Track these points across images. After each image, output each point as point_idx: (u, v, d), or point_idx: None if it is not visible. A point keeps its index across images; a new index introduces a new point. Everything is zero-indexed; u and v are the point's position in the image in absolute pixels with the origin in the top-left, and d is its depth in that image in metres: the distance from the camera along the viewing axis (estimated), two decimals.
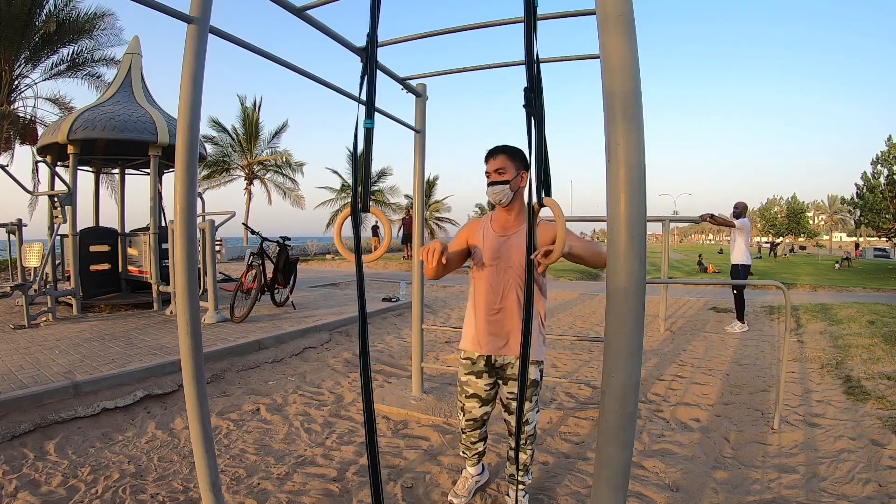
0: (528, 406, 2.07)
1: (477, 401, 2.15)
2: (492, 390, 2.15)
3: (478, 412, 2.17)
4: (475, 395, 2.15)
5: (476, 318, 2.10)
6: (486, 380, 2.12)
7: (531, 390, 2.06)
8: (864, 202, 22.05)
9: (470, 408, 2.17)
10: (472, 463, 2.33)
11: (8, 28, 12.76)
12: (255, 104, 26.24)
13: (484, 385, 2.13)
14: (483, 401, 2.15)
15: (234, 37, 1.88)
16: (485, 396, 2.15)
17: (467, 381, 2.15)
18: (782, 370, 3.12)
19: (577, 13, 2.20)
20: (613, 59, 1.05)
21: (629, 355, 1.07)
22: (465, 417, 2.20)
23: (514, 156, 1.98)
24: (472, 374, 2.14)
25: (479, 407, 2.16)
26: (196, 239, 1.82)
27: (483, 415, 2.18)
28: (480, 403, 2.15)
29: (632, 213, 1.05)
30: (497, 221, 2.09)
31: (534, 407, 2.10)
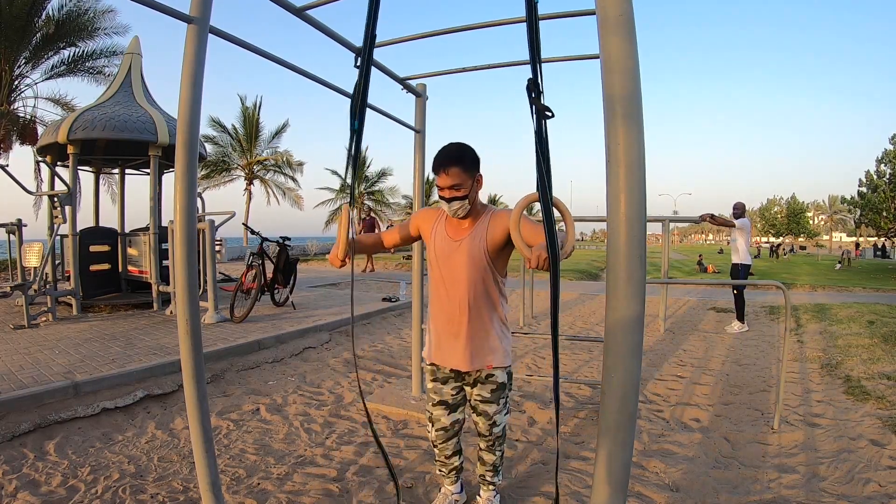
0: (496, 408, 2.00)
1: (444, 408, 2.06)
2: (458, 394, 2.07)
3: (446, 420, 2.07)
4: (442, 401, 2.06)
5: (437, 332, 2.01)
6: (453, 384, 2.04)
7: (498, 393, 1.99)
8: (866, 201, 22.05)
9: (438, 416, 2.08)
10: (451, 481, 2.24)
11: (8, 28, 12.77)
12: (255, 104, 26.28)
13: (450, 391, 2.05)
14: (451, 407, 2.07)
15: (234, 37, 1.88)
16: (452, 402, 2.06)
17: (433, 388, 2.08)
18: (782, 370, 3.12)
19: (577, 13, 2.20)
20: (613, 59, 1.05)
21: (629, 355, 1.07)
22: (435, 427, 2.10)
23: (466, 163, 1.82)
24: (437, 381, 2.06)
25: (447, 415, 2.07)
26: (196, 239, 1.82)
27: (452, 423, 2.09)
28: (448, 410, 2.07)
29: (632, 213, 1.05)
30: (450, 224, 1.97)
31: (502, 409, 2.03)
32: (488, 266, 1.89)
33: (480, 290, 1.91)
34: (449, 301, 1.95)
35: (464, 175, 1.82)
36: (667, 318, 6.69)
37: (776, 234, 54.30)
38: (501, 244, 1.87)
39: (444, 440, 2.12)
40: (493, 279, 1.92)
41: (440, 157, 1.83)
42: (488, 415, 2.01)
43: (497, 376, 1.98)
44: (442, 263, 1.95)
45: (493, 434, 2.05)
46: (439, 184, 1.83)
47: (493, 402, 1.99)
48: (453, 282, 1.93)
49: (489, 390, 1.98)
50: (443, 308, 1.97)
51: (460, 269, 1.90)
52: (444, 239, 1.95)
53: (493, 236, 1.87)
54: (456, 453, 2.18)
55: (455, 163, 1.81)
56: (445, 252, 1.94)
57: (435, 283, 2.00)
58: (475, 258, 1.88)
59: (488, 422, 2.02)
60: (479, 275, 1.89)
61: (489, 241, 1.87)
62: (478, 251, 1.88)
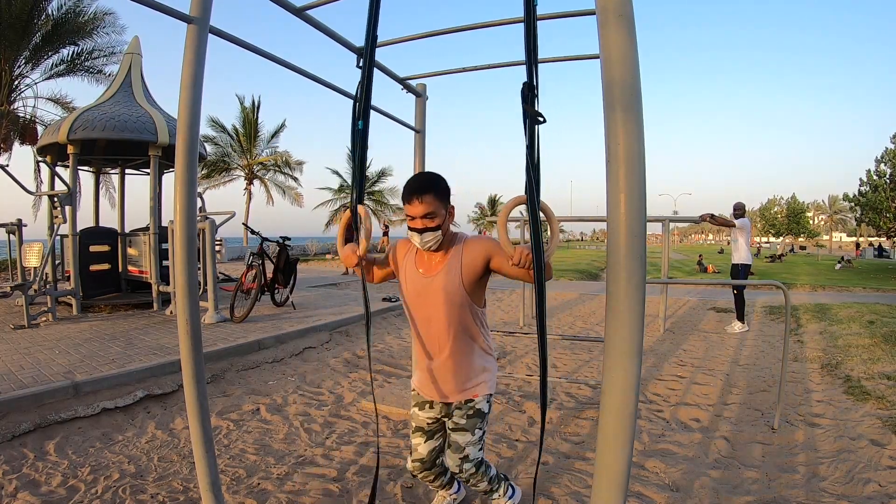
0: (468, 438, 1.85)
1: (421, 435, 1.96)
2: (435, 423, 1.96)
3: (424, 449, 1.96)
4: (419, 428, 1.97)
5: (418, 363, 1.94)
6: (430, 412, 1.94)
7: (475, 421, 1.85)
8: (867, 200, 22.06)
9: (416, 445, 1.98)
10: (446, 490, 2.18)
11: (9, 28, 12.77)
12: (254, 104, 26.28)
13: (426, 418, 1.95)
14: (426, 433, 1.96)
15: (234, 37, 1.88)
16: (427, 429, 1.96)
17: (413, 413, 1.99)
18: (782, 370, 3.12)
19: (577, 13, 2.20)
20: (613, 58, 1.05)
21: (629, 355, 1.07)
22: (413, 458, 2.00)
23: (440, 194, 1.72)
24: (416, 407, 1.98)
25: (424, 442, 1.96)
26: (196, 239, 1.82)
27: (430, 453, 1.97)
28: (425, 438, 1.96)
29: (632, 213, 1.05)
30: (421, 258, 1.84)
31: (475, 442, 1.87)
32: (465, 300, 1.77)
33: (458, 326, 1.79)
34: (427, 338, 1.84)
35: (437, 203, 1.70)
36: (667, 318, 6.69)
37: (776, 234, 54.27)
38: (479, 273, 1.75)
39: (422, 470, 2.00)
40: (472, 312, 1.80)
41: (413, 183, 1.72)
42: (458, 446, 1.86)
43: (475, 402, 1.86)
44: (414, 301, 1.83)
45: (464, 472, 1.89)
46: (410, 213, 1.71)
47: (467, 429, 1.85)
48: (429, 320, 1.81)
49: (465, 416, 1.86)
50: (421, 344, 1.87)
51: (435, 307, 1.78)
52: (416, 276, 1.82)
53: (470, 267, 1.74)
54: (440, 475, 2.06)
55: (429, 190, 1.70)
56: (417, 289, 1.81)
57: (411, 319, 1.89)
58: (451, 294, 1.75)
59: (458, 455, 1.87)
60: (457, 311, 1.77)
61: (465, 273, 1.74)
62: (453, 286, 1.75)
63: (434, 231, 1.71)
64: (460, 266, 1.75)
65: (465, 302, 1.77)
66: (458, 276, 1.75)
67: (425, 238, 1.72)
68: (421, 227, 1.70)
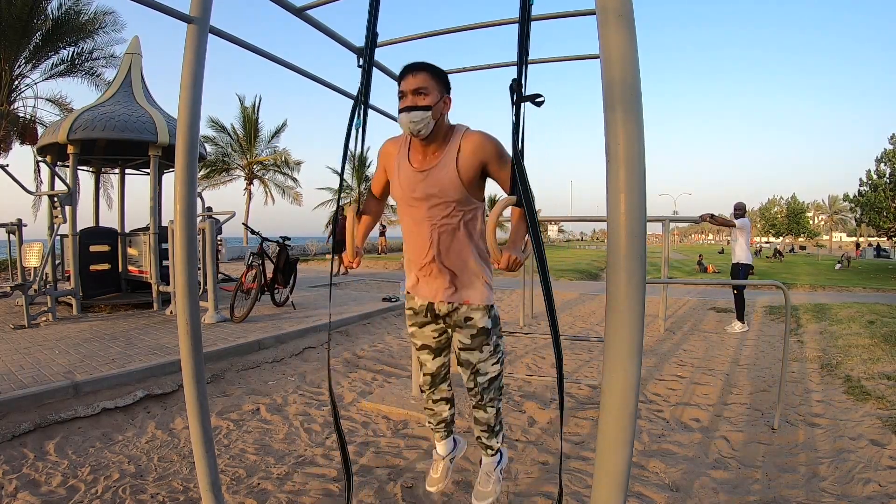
0: (478, 356, 1.81)
1: (428, 352, 1.92)
2: (441, 337, 1.90)
3: (432, 365, 1.93)
4: (425, 345, 1.92)
5: (411, 269, 1.87)
6: (433, 327, 1.88)
7: (480, 339, 1.80)
8: (867, 200, 22.08)
9: (424, 360, 1.94)
10: (441, 436, 2.11)
11: (8, 28, 12.77)
12: (254, 104, 26.27)
13: (431, 333, 1.89)
14: (434, 351, 1.91)
15: (234, 37, 1.88)
16: (435, 346, 1.91)
17: (413, 333, 1.93)
18: (782, 370, 3.12)
19: (577, 13, 2.20)
20: (613, 58, 1.05)
21: (629, 355, 1.07)
22: (423, 372, 1.98)
23: (436, 75, 1.64)
24: (415, 326, 1.92)
25: (432, 359, 1.93)
26: (196, 239, 1.82)
27: (439, 368, 1.95)
28: (433, 355, 1.92)
29: (632, 213, 1.05)
30: (415, 151, 1.74)
31: (487, 358, 1.82)
32: (463, 194, 1.67)
33: (454, 223, 1.71)
34: (420, 238, 1.75)
35: (432, 83, 1.61)
36: (667, 318, 6.69)
37: (776, 234, 54.28)
38: (477, 173, 1.66)
39: (431, 385, 1.98)
40: (469, 208, 1.71)
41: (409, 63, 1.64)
42: (470, 363, 1.83)
43: (476, 320, 1.78)
44: (408, 198, 1.73)
45: (477, 385, 1.84)
46: (402, 89, 1.61)
47: (474, 349, 1.81)
48: (422, 218, 1.72)
49: (469, 336, 1.80)
50: (415, 246, 1.79)
51: (429, 203, 1.69)
52: (409, 171, 1.72)
53: (467, 163, 1.64)
54: (444, 400, 2.02)
55: (425, 68, 1.62)
56: (411, 185, 1.71)
57: (404, 220, 1.82)
58: (445, 188, 1.66)
59: (470, 371, 1.84)
60: (452, 207, 1.68)
61: (462, 167, 1.64)
62: (448, 181, 1.65)
63: (424, 111, 1.59)
64: (457, 159, 1.65)
65: (462, 197, 1.68)
66: (454, 170, 1.65)
67: (413, 117, 1.59)
68: (410, 104, 1.60)
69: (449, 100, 1.69)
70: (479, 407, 1.91)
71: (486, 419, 1.93)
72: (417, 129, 1.61)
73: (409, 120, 1.60)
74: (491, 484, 2.00)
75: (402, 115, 1.62)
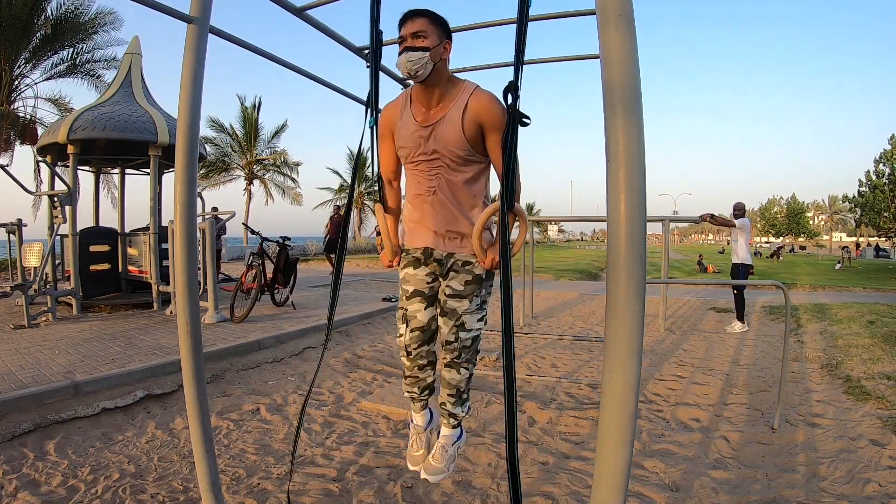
0: (466, 306, 1.70)
1: (421, 300, 1.79)
2: (434, 283, 1.80)
3: (423, 317, 1.79)
4: (417, 292, 1.79)
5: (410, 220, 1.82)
6: (427, 270, 1.79)
7: (473, 287, 1.71)
8: (866, 201, 22.09)
9: (414, 311, 1.79)
10: (421, 405, 1.97)
11: (9, 28, 12.77)
12: (254, 104, 26.29)
13: (425, 277, 1.79)
14: (427, 298, 1.80)
15: (234, 37, 1.88)
16: (428, 293, 1.79)
17: (405, 277, 1.82)
18: (782, 370, 3.12)
19: (577, 13, 2.20)
20: (613, 58, 1.05)
21: (629, 355, 1.07)
22: (410, 327, 1.80)
23: (436, 20, 1.61)
24: (409, 266, 1.81)
25: (423, 309, 1.79)
26: (196, 239, 1.82)
27: (430, 321, 1.80)
28: (425, 303, 1.79)
29: (632, 213, 1.05)
30: (418, 105, 1.69)
31: (474, 311, 1.72)
32: (466, 151, 1.64)
33: (460, 177, 1.68)
34: (426, 192, 1.72)
35: (431, 27, 1.58)
36: (667, 318, 6.69)
37: (776, 234, 54.31)
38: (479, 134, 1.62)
39: (419, 343, 1.81)
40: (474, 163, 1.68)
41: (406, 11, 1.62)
42: (455, 313, 1.70)
43: (474, 266, 1.71)
44: (413, 156, 1.70)
45: (458, 341, 1.71)
46: (402, 34, 1.59)
47: (463, 296, 1.70)
48: (426, 173, 1.70)
49: (463, 281, 1.71)
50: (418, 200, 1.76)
51: (434, 159, 1.67)
52: (413, 127, 1.67)
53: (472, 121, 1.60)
54: (430, 365, 1.88)
55: (424, 14, 1.60)
56: (415, 139, 1.67)
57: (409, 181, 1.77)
58: (450, 144, 1.63)
59: (454, 322, 1.70)
60: (457, 163, 1.66)
61: (467, 125, 1.60)
62: (453, 135, 1.62)
63: (421, 51, 1.55)
64: (462, 116, 1.61)
65: (466, 153, 1.65)
66: (458, 127, 1.61)
67: (410, 56, 1.55)
68: (408, 45, 1.57)
69: (449, 44, 1.64)
70: (452, 366, 1.77)
71: (458, 381, 1.79)
72: (415, 70, 1.57)
73: (406, 59, 1.56)
74: (445, 459, 1.85)
75: (401, 57, 1.58)
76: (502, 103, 1.56)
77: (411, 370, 1.87)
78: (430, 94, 1.65)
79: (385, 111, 1.78)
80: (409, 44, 1.57)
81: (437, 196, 1.71)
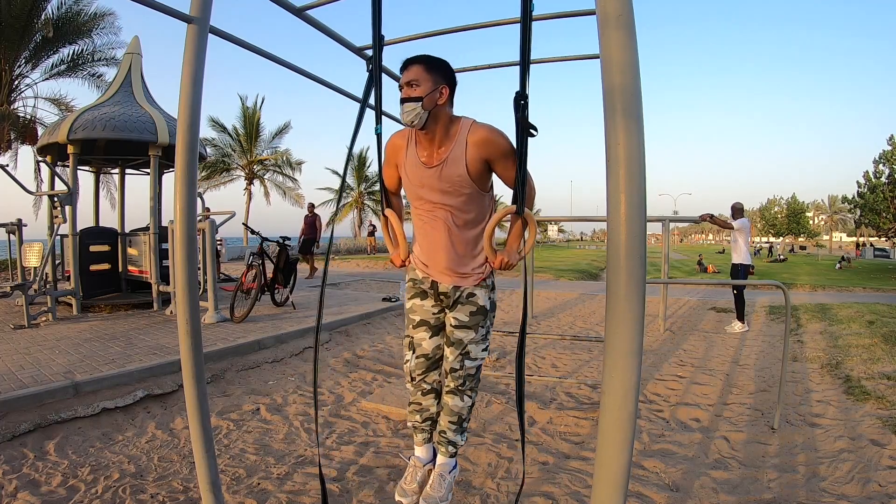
0: (472, 336, 1.78)
1: (426, 329, 1.86)
2: (440, 314, 1.87)
3: (427, 345, 1.86)
4: (423, 321, 1.86)
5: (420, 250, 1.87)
6: (432, 301, 1.85)
7: (478, 318, 1.78)
8: (865, 202, 22.09)
9: (419, 340, 1.87)
10: (424, 438, 1.97)
11: (8, 28, 12.77)
12: (255, 104, 26.28)
13: (431, 308, 1.85)
14: (432, 328, 1.86)
15: (234, 37, 1.88)
16: (433, 323, 1.86)
17: (413, 307, 1.88)
18: (782, 370, 3.12)
19: (577, 13, 2.20)
20: (613, 58, 1.05)
21: (629, 355, 1.07)
22: (416, 354, 1.88)
23: (431, 67, 1.63)
24: (416, 297, 1.87)
25: (429, 338, 1.86)
26: (196, 239, 1.82)
27: (434, 350, 1.87)
28: (430, 332, 1.86)
29: (632, 212, 1.05)
30: (422, 146, 1.72)
31: (479, 341, 1.79)
32: (473, 189, 1.69)
33: (462, 214, 1.73)
34: (432, 227, 1.77)
35: (425, 75, 1.61)
36: (667, 318, 6.69)
37: (776, 234, 54.29)
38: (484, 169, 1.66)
39: (424, 370, 1.88)
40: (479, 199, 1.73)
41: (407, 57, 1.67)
42: (461, 343, 1.80)
43: (479, 297, 1.79)
44: (417, 191, 1.75)
45: (463, 369, 1.80)
46: (400, 83, 1.66)
47: (469, 327, 1.79)
48: (433, 209, 1.75)
49: (468, 312, 1.79)
50: (425, 232, 1.80)
51: (439, 198, 1.71)
52: (417, 166, 1.72)
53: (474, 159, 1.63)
54: (433, 392, 1.92)
55: (420, 61, 1.63)
56: (419, 180, 1.72)
57: (415, 210, 1.83)
58: (456, 185, 1.67)
59: (460, 352, 1.80)
60: (462, 201, 1.71)
61: (470, 163, 1.64)
62: (459, 177, 1.66)
63: (415, 102, 1.60)
64: (465, 157, 1.64)
65: (473, 192, 1.70)
66: (463, 167, 1.65)
67: (403, 108, 1.61)
68: (404, 95, 1.62)
69: (446, 89, 1.65)
70: (456, 392, 1.84)
71: (460, 409, 1.84)
72: (410, 121, 1.62)
73: (401, 112, 1.63)
74: (444, 488, 1.86)
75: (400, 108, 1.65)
76: (499, 130, 1.64)
77: (415, 396, 1.93)
78: (430, 137, 1.69)
79: (392, 139, 1.81)
80: (404, 94, 1.63)
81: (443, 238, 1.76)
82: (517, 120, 1.40)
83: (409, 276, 1.92)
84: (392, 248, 1.87)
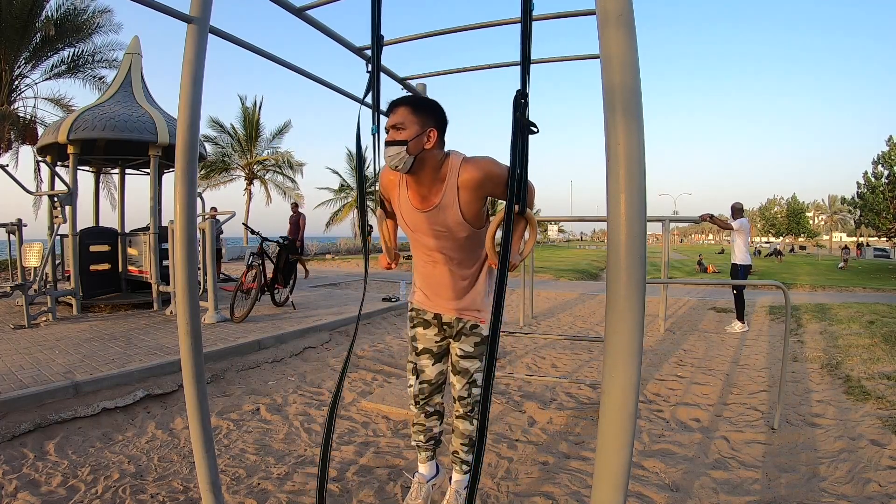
0: (478, 365, 1.86)
1: (429, 357, 1.93)
2: (443, 342, 1.94)
3: (431, 372, 1.94)
4: (426, 349, 1.93)
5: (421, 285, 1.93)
6: (435, 331, 1.92)
7: (482, 348, 1.85)
8: (865, 202, 22.11)
9: (423, 366, 1.94)
10: (427, 456, 2.08)
11: (8, 28, 12.77)
12: (255, 104, 26.28)
13: (434, 337, 1.92)
14: (435, 356, 1.94)
15: (234, 37, 1.88)
16: (436, 350, 1.94)
17: (415, 336, 1.95)
18: (782, 370, 3.12)
19: (577, 13, 2.20)
20: (613, 58, 1.05)
21: (629, 355, 1.07)
22: (419, 380, 1.95)
23: (418, 109, 1.58)
24: (419, 326, 1.94)
25: (431, 365, 1.94)
26: (196, 239, 1.82)
27: (437, 376, 1.95)
28: (433, 360, 1.94)
29: (632, 213, 1.05)
30: (412, 189, 1.71)
31: None
32: (469, 230, 1.71)
33: (461, 253, 1.78)
34: (432, 264, 1.82)
35: (411, 118, 1.56)
36: (667, 318, 6.69)
37: (776, 233, 54.31)
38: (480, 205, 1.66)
39: (427, 395, 1.95)
40: (475, 237, 1.75)
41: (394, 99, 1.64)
42: (468, 372, 1.87)
43: (483, 328, 1.85)
44: (412, 234, 1.79)
45: (471, 396, 1.88)
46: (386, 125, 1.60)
47: (475, 357, 1.86)
48: (430, 249, 1.79)
49: (472, 343, 1.86)
50: (425, 268, 1.85)
51: (435, 239, 1.75)
52: (410, 209, 1.73)
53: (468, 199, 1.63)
54: (436, 414, 2.00)
55: (405, 102, 1.59)
56: (414, 222, 1.75)
57: (413, 245, 1.87)
58: (451, 228, 1.69)
59: (467, 381, 1.87)
60: (457, 241, 1.74)
61: (464, 205, 1.64)
62: (454, 221, 1.68)
63: (397, 146, 1.54)
64: (457, 201, 1.63)
65: (469, 232, 1.71)
66: (457, 211, 1.64)
67: (387, 152, 1.56)
68: (389, 139, 1.57)
69: (434, 132, 1.59)
70: (465, 418, 1.94)
71: (471, 431, 1.94)
72: (394, 165, 1.58)
73: (385, 156, 1.57)
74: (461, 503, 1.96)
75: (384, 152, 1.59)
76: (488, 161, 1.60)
77: (419, 417, 2.01)
78: (419, 181, 1.65)
79: (386, 172, 1.78)
80: (388, 137, 1.56)
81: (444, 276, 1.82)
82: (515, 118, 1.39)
83: (412, 305, 1.99)
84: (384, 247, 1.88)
